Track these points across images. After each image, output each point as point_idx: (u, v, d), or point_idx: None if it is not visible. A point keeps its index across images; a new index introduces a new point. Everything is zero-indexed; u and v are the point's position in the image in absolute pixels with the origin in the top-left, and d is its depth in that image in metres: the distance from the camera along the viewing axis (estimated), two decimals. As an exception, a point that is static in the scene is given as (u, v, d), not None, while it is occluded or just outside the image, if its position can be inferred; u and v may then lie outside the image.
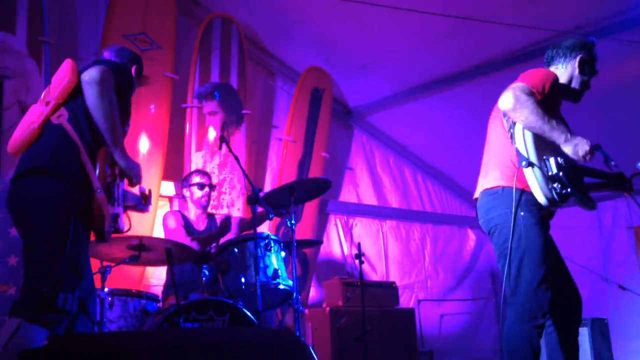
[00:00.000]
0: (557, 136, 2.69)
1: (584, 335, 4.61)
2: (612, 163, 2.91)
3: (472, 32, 4.83)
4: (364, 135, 6.49)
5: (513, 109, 2.66)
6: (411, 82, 5.77)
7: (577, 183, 2.75)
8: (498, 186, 2.78)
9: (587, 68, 2.94)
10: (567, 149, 2.69)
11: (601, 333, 4.76)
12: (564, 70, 2.94)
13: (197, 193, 4.21)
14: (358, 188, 6.31)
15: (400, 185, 6.64)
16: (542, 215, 2.76)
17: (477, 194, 2.94)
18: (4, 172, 4.02)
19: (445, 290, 6.54)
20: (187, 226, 4.15)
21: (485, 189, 2.86)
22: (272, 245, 3.62)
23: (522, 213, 2.70)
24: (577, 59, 2.92)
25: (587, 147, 2.68)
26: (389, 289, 5.32)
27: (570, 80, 2.94)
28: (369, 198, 6.36)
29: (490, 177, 2.85)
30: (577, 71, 2.92)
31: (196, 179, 4.25)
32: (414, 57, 5.40)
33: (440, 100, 5.78)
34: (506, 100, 2.67)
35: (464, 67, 5.39)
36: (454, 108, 5.82)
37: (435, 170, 6.91)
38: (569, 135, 2.70)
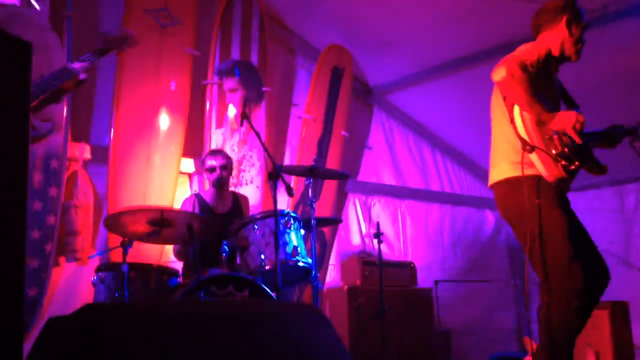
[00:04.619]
0: (544, 115, 2.66)
1: (603, 318, 4.57)
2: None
3: (497, 9, 4.74)
4: (384, 114, 6.44)
5: (505, 82, 2.62)
6: (433, 60, 5.69)
7: (584, 154, 2.71)
8: (509, 177, 2.76)
9: (575, 25, 2.87)
10: (554, 125, 2.66)
11: (621, 316, 4.71)
12: (554, 36, 2.87)
13: (210, 176, 4.15)
14: (377, 167, 6.29)
15: (419, 165, 6.60)
16: (559, 194, 2.73)
17: (490, 183, 2.92)
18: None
19: (463, 271, 6.52)
20: (203, 208, 4.10)
21: (497, 181, 2.84)
22: (292, 222, 3.62)
23: (537, 200, 2.67)
24: (563, 20, 2.86)
25: (571, 119, 2.64)
26: (407, 269, 5.32)
27: (562, 44, 2.88)
28: (388, 178, 6.34)
29: (500, 168, 2.83)
30: (566, 33, 2.86)
31: (208, 161, 4.16)
32: (436, 35, 5.32)
33: (462, 79, 5.70)
34: (499, 72, 2.64)
35: (488, 45, 5.29)
36: (476, 88, 5.71)
37: (456, 151, 6.85)
38: (554, 114, 2.66)
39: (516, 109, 2.72)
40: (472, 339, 6.14)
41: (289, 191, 3.29)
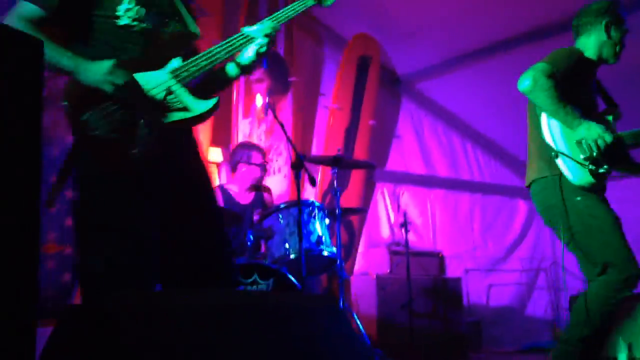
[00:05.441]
0: (569, 123, 2.65)
1: (636, 309, 4.49)
2: None
3: (526, -5, 4.66)
4: (412, 103, 6.39)
5: (530, 91, 2.65)
6: (461, 48, 5.62)
7: (616, 156, 2.70)
8: (545, 176, 2.77)
9: (614, 30, 2.84)
10: (580, 134, 2.65)
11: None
12: (592, 39, 2.86)
13: (254, 172, 4.18)
14: (405, 156, 6.25)
15: (448, 154, 6.53)
16: (595, 190, 2.72)
17: (527, 183, 2.92)
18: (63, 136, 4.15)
19: (493, 261, 6.46)
20: (227, 201, 4.16)
21: (534, 180, 2.85)
22: (317, 212, 3.64)
23: (577, 198, 2.68)
24: (602, 24, 2.83)
25: (594, 134, 2.61)
26: (435, 258, 5.29)
27: (600, 48, 2.85)
28: (416, 167, 6.30)
29: (535, 168, 2.84)
30: (605, 37, 2.83)
31: (255, 156, 4.18)
32: (465, 22, 5.24)
33: (491, 67, 5.62)
34: (524, 81, 2.65)
35: (517, 32, 5.21)
36: (507, 75, 5.62)
37: (486, 139, 6.76)
38: (580, 121, 2.64)
39: (543, 114, 2.74)
40: (503, 328, 6.08)
41: (312, 181, 3.31)
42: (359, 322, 3.97)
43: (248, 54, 2.08)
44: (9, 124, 1.07)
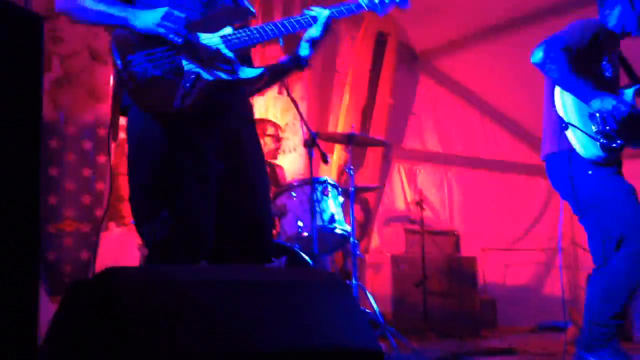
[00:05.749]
0: (583, 95, 2.60)
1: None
2: None
3: (548, -32, 4.54)
4: (430, 80, 6.31)
5: (542, 64, 2.62)
6: (481, 24, 5.52)
7: (633, 131, 2.65)
8: (557, 150, 2.75)
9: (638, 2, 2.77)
10: (595, 106, 2.60)
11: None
12: (616, 10, 2.79)
13: (269, 145, 4.19)
14: (423, 134, 6.20)
15: (466, 131, 6.45)
16: (608, 164, 2.67)
17: (541, 157, 2.91)
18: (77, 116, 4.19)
19: (511, 240, 6.41)
20: None
21: (547, 154, 2.84)
22: (330, 189, 3.64)
23: (590, 172, 2.65)
24: None
25: (608, 107, 2.57)
26: (450, 237, 5.27)
27: (623, 19, 2.79)
28: (433, 144, 6.24)
29: (548, 142, 2.82)
30: (629, 8, 2.76)
31: (270, 129, 4.21)
32: (484, -2, 5.15)
33: (510, 43, 5.50)
34: (537, 54, 2.63)
35: (539, 7, 5.10)
36: (525, 51, 5.51)
37: (505, 117, 6.66)
38: (594, 94, 2.59)
39: (556, 87, 2.71)
40: (519, 307, 6.05)
41: (324, 158, 3.30)
42: (372, 300, 3.98)
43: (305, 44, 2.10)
44: (8, 100, 1.07)
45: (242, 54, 2.01)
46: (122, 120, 2.10)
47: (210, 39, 1.94)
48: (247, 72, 1.95)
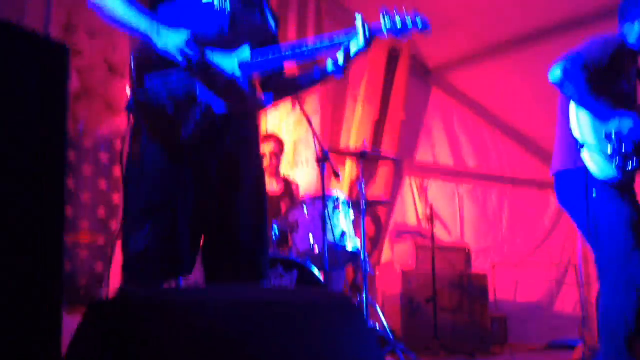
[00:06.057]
0: (601, 115, 2.59)
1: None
2: None
3: (561, -14, 4.56)
4: (442, 94, 6.32)
5: (560, 83, 2.58)
6: (494, 39, 5.53)
7: None
8: (571, 167, 2.73)
9: None
10: (612, 127, 2.60)
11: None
12: (635, 26, 2.74)
13: (270, 161, 4.22)
14: (434, 149, 6.20)
15: (478, 146, 6.45)
16: (619, 186, 2.65)
17: (551, 173, 2.89)
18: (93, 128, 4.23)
19: (522, 255, 6.38)
20: None
21: (556, 171, 2.83)
22: (342, 206, 3.65)
23: (594, 194, 2.63)
24: None
25: (625, 128, 2.56)
26: (462, 253, 5.26)
27: None
28: (445, 159, 6.25)
29: (559, 159, 2.81)
30: None
31: (272, 146, 4.24)
32: (498, 13, 5.15)
33: (523, 58, 5.52)
34: (555, 72, 2.59)
35: (552, 22, 5.10)
36: (539, 67, 5.52)
37: (516, 132, 6.65)
38: (612, 114, 2.58)
39: (572, 104, 2.69)
40: (530, 324, 6.02)
41: (336, 175, 3.32)
42: (382, 316, 3.99)
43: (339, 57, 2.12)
44: (35, 129, 1.10)
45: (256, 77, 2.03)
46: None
47: (228, 61, 1.95)
48: (258, 101, 1.97)
